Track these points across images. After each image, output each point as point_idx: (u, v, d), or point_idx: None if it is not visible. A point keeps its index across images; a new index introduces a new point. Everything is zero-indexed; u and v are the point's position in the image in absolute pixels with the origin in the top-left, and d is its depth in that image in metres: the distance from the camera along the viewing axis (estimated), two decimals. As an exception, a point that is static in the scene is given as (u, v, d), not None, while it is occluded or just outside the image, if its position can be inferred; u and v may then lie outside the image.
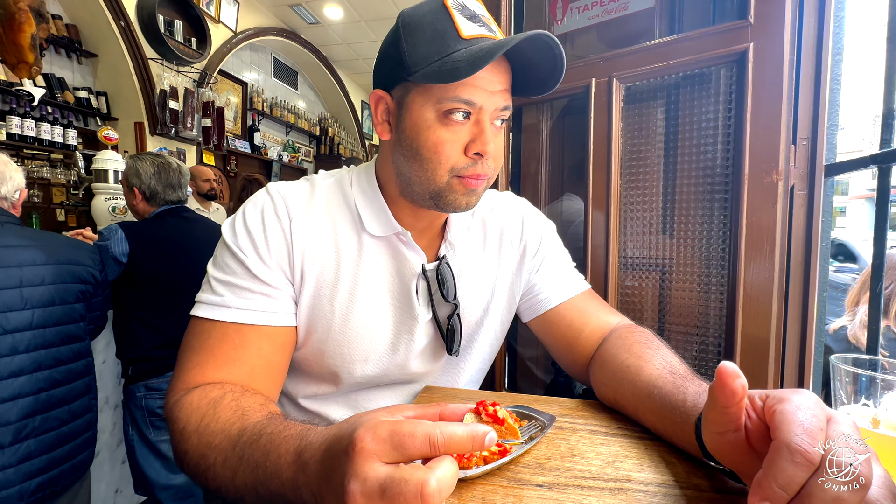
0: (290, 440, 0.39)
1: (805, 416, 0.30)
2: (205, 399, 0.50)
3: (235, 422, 0.46)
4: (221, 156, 4.58)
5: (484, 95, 0.53)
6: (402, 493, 0.28)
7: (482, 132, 0.54)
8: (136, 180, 1.57)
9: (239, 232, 0.59)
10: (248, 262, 0.57)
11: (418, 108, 0.55)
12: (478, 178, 0.56)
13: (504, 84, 0.55)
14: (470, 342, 0.71)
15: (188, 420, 0.48)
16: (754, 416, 0.34)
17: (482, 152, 0.54)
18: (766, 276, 0.80)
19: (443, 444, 0.30)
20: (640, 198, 0.99)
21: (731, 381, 0.32)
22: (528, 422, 0.51)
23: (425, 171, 0.56)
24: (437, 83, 0.52)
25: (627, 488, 0.40)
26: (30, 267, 1.08)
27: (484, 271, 0.70)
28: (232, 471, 0.42)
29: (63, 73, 3.30)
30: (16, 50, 2.01)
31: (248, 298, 0.57)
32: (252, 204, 0.61)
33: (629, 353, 0.57)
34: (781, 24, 0.78)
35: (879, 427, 0.40)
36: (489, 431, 0.32)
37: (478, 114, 0.54)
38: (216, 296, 0.57)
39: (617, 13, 1.04)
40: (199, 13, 3.76)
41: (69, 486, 1.13)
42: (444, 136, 0.54)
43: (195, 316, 0.57)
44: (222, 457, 0.43)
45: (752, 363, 0.82)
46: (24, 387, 1.02)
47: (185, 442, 0.47)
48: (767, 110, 0.79)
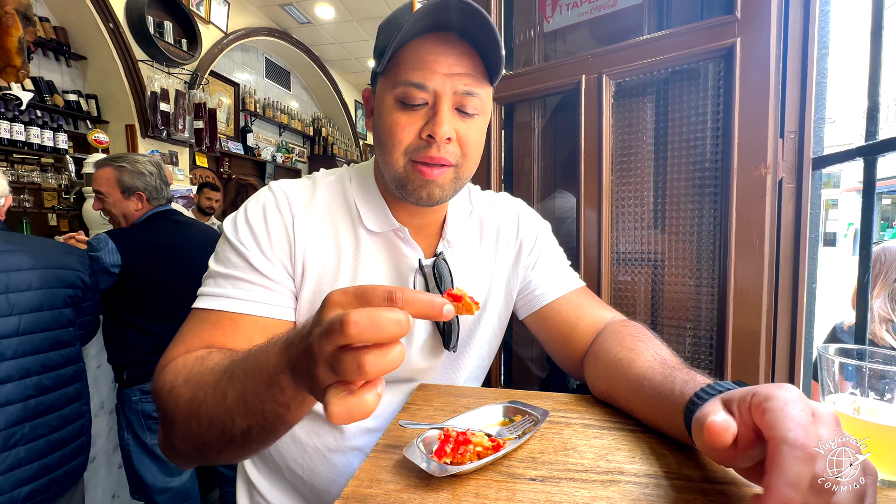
0: (277, 340, 0.40)
1: (794, 410, 0.30)
2: (191, 357, 0.50)
3: (224, 360, 0.46)
4: (214, 157, 4.55)
5: (437, 79, 0.53)
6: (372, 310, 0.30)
7: (436, 113, 0.54)
8: (140, 183, 1.51)
9: (241, 227, 0.60)
10: (250, 256, 0.58)
11: (381, 95, 0.58)
12: (433, 161, 0.55)
13: (463, 67, 0.54)
14: (468, 339, 0.71)
15: (176, 377, 0.48)
16: (739, 414, 0.34)
17: (432, 133, 0.54)
18: (755, 269, 0.81)
19: (401, 299, 0.31)
20: (631, 193, 0.99)
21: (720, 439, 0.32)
22: (522, 417, 0.51)
23: (385, 155, 0.58)
24: (381, 68, 0.55)
25: (619, 480, 0.40)
26: (16, 272, 1.06)
27: (481, 268, 0.71)
28: (222, 392, 0.43)
29: (52, 77, 3.26)
30: (3, 53, 1.98)
31: (247, 290, 0.57)
32: (255, 200, 0.62)
33: (622, 347, 0.58)
34: (768, 19, 0.78)
35: (861, 413, 0.41)
36: (447, 303, 0.33)
37: (433, 98, 0.54)
38: (215, 288, 0.58)
39: (606, 10, 1.04)
40: (189, 14, 3.73)
41: (62, 493, 1.12)
42: (400, 119, 0.55)
43: (193, 308, 0.58)
44: (212, 388, 0.44)
45: (743, 356, 0.82)
46: (12, 394, 1.01)
47: (175, 396, 0.47)
48: (755, 104, 0.80)
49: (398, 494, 0.39)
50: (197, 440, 0.45)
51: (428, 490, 0.39)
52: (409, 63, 0.54)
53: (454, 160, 0.57)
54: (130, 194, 1.52)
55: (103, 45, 3.29)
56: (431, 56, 0.53)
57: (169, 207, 1.63)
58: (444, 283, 0.65)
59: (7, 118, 2.82)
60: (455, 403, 0.59)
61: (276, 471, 0.68)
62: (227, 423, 0.42)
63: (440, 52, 0.54)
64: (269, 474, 0.69)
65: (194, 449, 0.47)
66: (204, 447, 0.46)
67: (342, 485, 0.52)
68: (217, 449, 0.45)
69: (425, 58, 0.53)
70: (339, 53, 5.77)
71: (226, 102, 4.77)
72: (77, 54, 3.38)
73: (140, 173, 1.52)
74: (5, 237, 1.10)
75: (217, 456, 0.46)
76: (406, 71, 0.54)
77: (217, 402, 0.43)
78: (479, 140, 0.59)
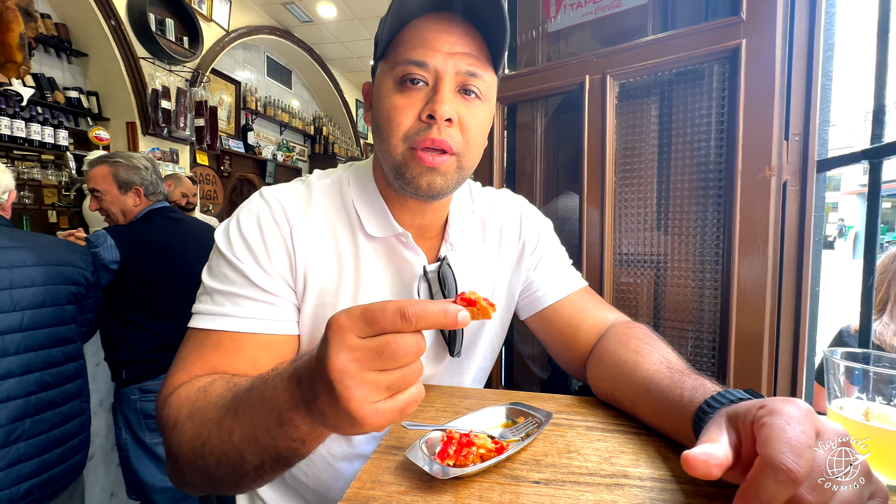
0: (283, 372, 0.39)
1: (794, 431, 0.29)
2: (193, 388, 0.48)
3: (227, 393, 0.44)
4: (215, 156, 4.55)
5: (439, 57, 0.51)
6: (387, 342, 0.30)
7: (437, 93, 0.51)
8: (136, 177, 1.53)
9: (234, 240, 0.56)
10: (247, 271, 0.55)
11: (379, 81, 0.55)
12: (433, 145, 0.52)
13: (466, 47, 0.52)
14: (472, 342, 0.70)
15: (179, 411, 0.46)
16: (743, 429, 0.34)
17: (433, 112, 0.51)
18: (759, 271, 0.81)
19: (413, 315, 0.30)
20: (634, 194, 0.99)
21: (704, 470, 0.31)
22: (525, 419, 0.51)
23: (383, 142, 0.55)
24: (382, 48, 0.52)
25: (624, 484, 0.40)
26: (20, 268, 1.06)
27: (484, 270, 0.70)
28: (228, 430, 0.40)
29: (53, 73, 3.26)
30: (3, 49, 1.97)
31: (248, 307, 0.54)
32: (247, 211, 0.58)
33: (626, 349, 0.57)
34: (773, 20, 0.78)
35: (871, 420, 0.41)
36: (461, 310, 0.31)
37: (434, 77, 0.52)
38: (213, 306, 0.54)
39: (610, 10, 1.04)
40: (191, 12, 3.72)
41: (61, 490, 1.11)
42: (399, 101, 0.53)
43: (190, 328, 0.55)
44: (217, 425, 0.42)
45: (746, 358, 0.82)
46: (14, 390, 1.01)
47: (179, 433, 0.45)
48: (760, 106, 0.80)
49: (400, 497, 0.38)
50: (206, 476, 0.43)
51: (431, 492, 0.39)
52: (410, 42, 0.52)
53: (455, 147, 0.53)
54: (128, 189, 1.53)
55: (105, 41, 3.29)
56: (433, 34, 0.52)
57: (166, 204, 1.64)
58: (449, 288, 0.63)
59: (8, 114, 2.81)
60: (457, 405, 0.58)
61: (280, 478, 0.67)
62: (236, 460, 0.40)
63: (442, 31, 0.52)
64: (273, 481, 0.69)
65: (205, 483, 0.45)
66: (215, 482, 0.43)
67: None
68: (229, 483, 0.43)
69: (426, 35, 0.52)
70: (341, 52, 5.76)
71: (227, 100, 4.77)
72: (78, 51, 3.37)
73: (135, 168, 1.53)
74: (9, 234, 1.09)
75: (230, 489, 0.44)
76: (406, 50, 0.52)
77: (223, 439, 0.41)
78: (481, 127, 0.56)
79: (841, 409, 0.43)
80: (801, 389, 0.83)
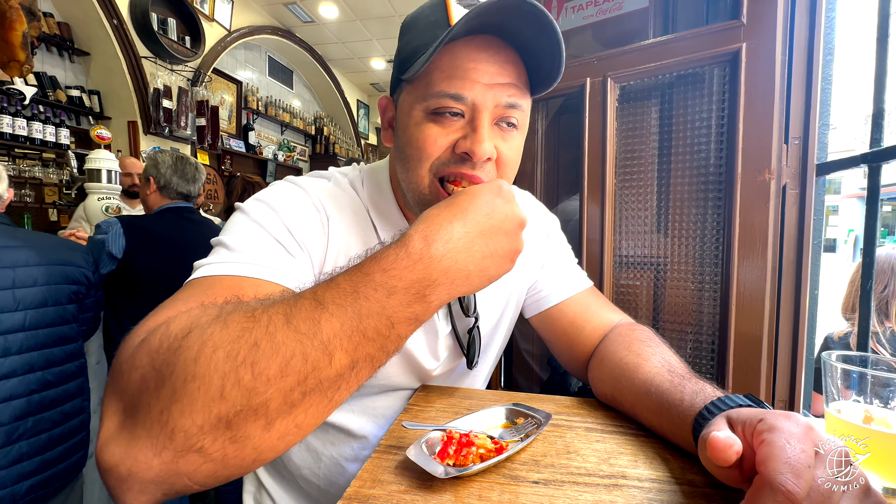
0: (388, 251, 0.36)
1: (793, 451, 0.29)
2: (205, 308, 0.36)
3: (282, 294, 0.36)
4: (216, 155, 4.55)
5: (478, 90, 0.46)
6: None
7: (475, 129, 0.47)
8: (154, 170, 1.61)
9: (267, 204, 0.51)
10: (270, 227, 0.49)
11: (407, 107, 0.50)
12: (463, 178, 0.49)
13: (508, 77, 0.48)
14: (486, 348, 0.70)
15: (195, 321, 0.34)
16: (743, 438, 0.34)
17: (471, 152, 0.47)
18: (758, 274, 0.81)
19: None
20: (634, 197, 0.99)
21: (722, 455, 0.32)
22: (525, 420, 0.51)
23: (408, 171, 0.51)
24: (412, 74, 0.47)
25: (623, 484, 0.40)
26: (23, 268, 1.06)
27: (500, 280, 0.69)
28: (312, 321, 0.33)
29: (55, 72, 3.27)
30: (6, 48, 1.98)
31: (258, 252, 0.47)
32: (277, 188, 0.54)
33: (628, 351, 0.57)
34: (774, 24, 0.78)
35: (872, 424, 0.41)
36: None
37: (472, 111, 0.47)
38: (230, 254, 0.47)
39: (611, 13, 1.04)
40: (193, 11, 3.73)
41: (61, 489, 1.12)
42: (431, 131, 0.48)
43: (193, 279, 0.47)
44: (283, 318, 0.33)
45: (745, 361, 0.82)
46: (16, 388, 1.01)
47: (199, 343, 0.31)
48: (760, 110, 0.80)
49: (400, 496, 0.39)
50: (239, 400, 0.30)
51: (430, 491, 0.39)
52: (445, 71, 0.47)
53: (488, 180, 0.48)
54: (146, 180, 1.65)
55: (107, 41, 3.30)
56: (472, 64, 0.46)
57: (185, 205, 1.67)
58: (468, 301, 0.62)
59: (10, 113, 2.82)
60: (457, 405, 0.59)
61: (290, 478, 0.67)
62: (318, 360, 0.32)
63: (481, 59, 0.46)
64: (282, 480, 0.68)
65: (220, 421, 0.30)
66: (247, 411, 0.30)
67: None
68: (276, 410, 0.31)
69: (464, 65, 0.46)
70: (343, 53, 5.77)
71: (228, 100, 4.77)
72: (80, 50, 3.38)
73: (156, 163, 1.64)
74: (11, 232, 1.10)
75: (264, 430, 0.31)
76: (440, 80, 0.47)
77: (302, 333, 0.32)
78: (517, 158, 0.52)
79: (839, 412, 0.43)
80: (800, 392, 0.83)
